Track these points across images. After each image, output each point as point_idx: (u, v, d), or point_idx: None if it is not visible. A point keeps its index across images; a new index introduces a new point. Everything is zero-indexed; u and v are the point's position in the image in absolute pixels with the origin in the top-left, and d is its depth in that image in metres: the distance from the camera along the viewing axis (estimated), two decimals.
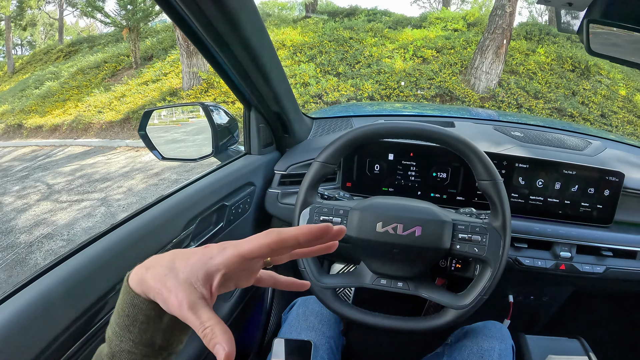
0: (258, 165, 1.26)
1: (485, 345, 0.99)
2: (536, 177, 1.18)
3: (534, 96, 8.21)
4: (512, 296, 1.40)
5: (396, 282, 0.92)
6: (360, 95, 8.19)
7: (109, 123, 9.02)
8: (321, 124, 1.53)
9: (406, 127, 0.88)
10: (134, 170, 6.28)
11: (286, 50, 9.93)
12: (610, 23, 0.87)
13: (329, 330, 1.03)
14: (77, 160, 7.24)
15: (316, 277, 0.92)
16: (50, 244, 3.78)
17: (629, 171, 1.20)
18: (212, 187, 1.06)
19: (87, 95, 10.58)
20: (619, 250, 1.16)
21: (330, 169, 0.92)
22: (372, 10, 13.53)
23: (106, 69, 12.11)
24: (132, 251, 0.79)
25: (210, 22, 0.76)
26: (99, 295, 0.70)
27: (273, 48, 0.98)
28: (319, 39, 10.20)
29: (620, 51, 0.90)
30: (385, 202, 0.91)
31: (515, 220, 1.18)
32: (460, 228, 0.87)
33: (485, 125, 1.48)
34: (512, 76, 8.79)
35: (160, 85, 9.87)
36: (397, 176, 1.24)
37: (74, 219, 4.36)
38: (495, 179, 0.85)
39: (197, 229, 0.98)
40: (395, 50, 9.78)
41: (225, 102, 8.14)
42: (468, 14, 11.86)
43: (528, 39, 10.40)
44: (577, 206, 1.18)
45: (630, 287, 1.29)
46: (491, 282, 0.86)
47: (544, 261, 1.15)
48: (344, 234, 0.43)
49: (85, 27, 29.16)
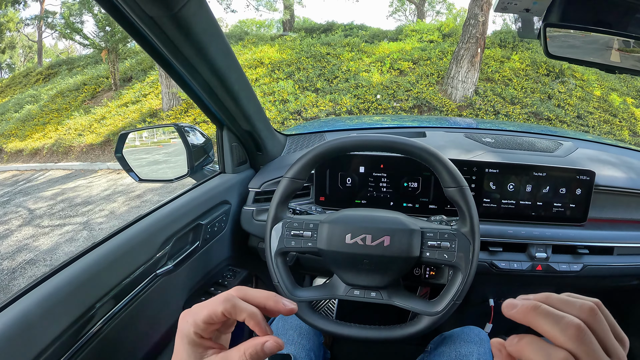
0: (232, 183, 1.27)
1: (463, 351, 0.99)
2: (507, 181, 1.19)
3: (510, 102, 8.32)
4: (493, 300, 1.41)
5: (369, 292, 0.92)
6: (339, 110, 8.24)
7: (90, 146, 8.94)
8: (295, 140, 1.54)
9: (371, 140, 0.89)
10: (116, 193, 6.23)
11: (264, 68, 9.98)
12: (567, 26, 0.90)
13: (309, 343, 1.03)
14: (58, 184, 7.15)
15: (290, 291, 0.92)
16: (33, 269, 3.73)
17: (600, 169, 1.22)
18: (187, 206, 1.07)
19: (67, 118, 10.48)
20: (595, 247, 1.18)
21: (299, 184, 0.93)
22: (349, 25, 13.69)
23: (86, 91, 12.02)
24: (108, 271, 0.80)
25: (177, 47, 0.78)
26: (78, 315, 0.71)
27: (240, 69, 0.99)
28: (296, 55, 10.28)
29: (578, 52, 0.92)
30: (353, 214, 0.92)
31: (489, 224, 1.19)
32: (429, 236, 0.88)
33: (456, 133, 1.50)
34: (489, 83, 8.90)
35: (140, 107, 9.84)
36: (369, 188, 1.25)
37: (56, 243, 4.30)
38: (461, 185, 0.86)
39: (173, 249, 0.99)
40: (372, 63, 9.87)
41: (205, 121, 8.11)
42: (443, 25, 12.03)
43: (502, 47, 10.55)
44: (550, 207, 1.20)
45: (610, 283, 1.30)
46: (463, 287, 0.86)
47: (520, 263, 1.16)
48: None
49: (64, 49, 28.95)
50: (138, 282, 0.87)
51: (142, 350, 0.91)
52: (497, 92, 8.51)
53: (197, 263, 1.11)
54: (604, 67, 0.94)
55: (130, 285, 0.85)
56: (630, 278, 1.27)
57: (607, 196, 1.26)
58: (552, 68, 9.40)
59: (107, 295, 0.78)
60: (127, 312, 0.84)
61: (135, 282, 0.86)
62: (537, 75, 9.31)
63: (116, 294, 0.81)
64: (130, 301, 0.84)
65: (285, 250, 0.93)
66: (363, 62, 9.97)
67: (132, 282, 0.85)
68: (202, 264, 1.14)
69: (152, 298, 0.92)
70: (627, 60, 0.90)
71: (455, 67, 8.16)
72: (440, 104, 8.13)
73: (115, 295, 0.81)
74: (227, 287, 1.17)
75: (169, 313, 1.01)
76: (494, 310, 1.41)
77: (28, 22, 16.18)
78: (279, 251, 0.93)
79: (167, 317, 1.00)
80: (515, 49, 10.31)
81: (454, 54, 8.36)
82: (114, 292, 0.80)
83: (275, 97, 8.77)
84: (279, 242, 0.93)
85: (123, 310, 0.82)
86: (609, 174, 1.26)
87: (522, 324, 0.37)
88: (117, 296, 0.81)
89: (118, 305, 0.81)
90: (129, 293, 0.84)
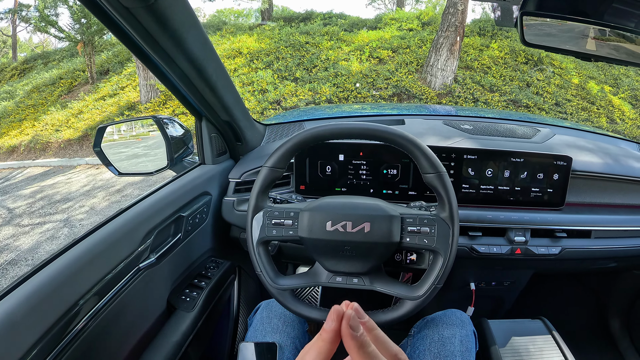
0: (212, 174, 1.27)
1: (446, 333, 1.01)
2: (485, 167, 1.21)
3: (489, 90, 8.37)
4: (474, 284, 1.43)
5: (351, 279, 0.93)
6: (319, 99, 8.20)
7: (67, 141, 8.77)
8: (274, 129, 1.54)
9: (349, 127, 0.89)
10: (96, 189, 6.14)
11: (243, 58, 9.87)
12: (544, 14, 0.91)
13: (293, 331, 1.04)
14: (37, 182, 7.01)
15: (273, 280, 0.93)
16: (15, 270, 3.67)
17: (577, 154, 1.25)
18: (167, 199, 1.07)
19: (43, 114, 10.25)
20: (573, 231, 1.21)
21: (279, 173, 0.93)
22: (328, 13, 13.59)
23: (62, 86, 11.76)
24: (91, 267, 0.79)
25: (153, 38, 0.77)
26: (62, 312, 0.70)
27: (218, 59, 0.99)
28: (275, 45, 10.17)
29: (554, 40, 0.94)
30: (333, 202, 0.92)
31: (468, 209, 1.21)
32: (408, 221, 0.89)
33: (435, 121, 1.51)
34: (468, 72, 8.93)
35: (117, 100, 9.67)
36: (349, 176, 1.26)
37: (37, 242, 4.24)
38: (440, 171, 0.86)
39: (155, 242, 0.99)
40: (352, 52, 9.81)
41: (184, 113, 8.03)
42: (422, 14, 12.00)
43: (481, 35, 10.59)
44: (528, 192, 1.22)
45: (588, 265, 1.33)
46: (443, 271, 0.87)
47: (500, 247, 1.18)
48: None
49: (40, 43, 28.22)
50: (121, 277, 0.87)
51: (128, 345, 0.91)
52: (476, 80, 8.55)
53: (180, 255, 1.11)
54: (580, 55, 0.95)
55: (113, 280, 0.84)
56: (607, 260, 1.30)
57: (584, 181, 1.28)
58: (531, 56, 9.47)
59: (90, 291, 0.78)
60: (112, 308, 0.83)
61: (118, 277, 0.86)
62: (515, 63, 9.37)
63: (100, 290, 0.80)
64: (114, 296, 0.84)
65: (267, 239, 0.93)
66: (342, 51, 9.92)
67: (115, 277, 0.85)
68: (185, 256, 1.14)
69: (135, 292, 0.92)
70: (602, 49, 0.91)
71: (434, 56, 8.17)
72: (420, 92, 8.14)
73: (99, 291, 0.80)
74: (210, 279, 1.17)
75: (154, 307, 1.01)
76: (475, 294, 1.43)
77: (1, 16, 15.73)
78: (260, 240, 0.93)
79: (152, 310, 1.00)
80: (495, 38, 10.36)
81: (433, 42, 8.36)
82: (97, 288, 0.80)
83: (254, 87, 8.69)
84: (260, 232, 0.93)
85: (107, 306, 0.82)
86: (586, 159, 1.29)
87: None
88: (101, 292, 0.81)
89: (102, 301, 0.80)
90: (112, 288, 0.84)
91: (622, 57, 0.93)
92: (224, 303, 1.32)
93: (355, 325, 0.36)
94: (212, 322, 1.22)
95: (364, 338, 0.36)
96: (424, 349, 1.00)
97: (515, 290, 1.55)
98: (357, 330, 0.36)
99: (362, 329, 0.36)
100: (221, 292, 1.22)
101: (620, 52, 0.93)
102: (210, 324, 1.18)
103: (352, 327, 0.36)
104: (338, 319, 0.37)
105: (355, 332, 0.36)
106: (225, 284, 1.25)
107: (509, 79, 8.79)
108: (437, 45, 8.11)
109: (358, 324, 0.37)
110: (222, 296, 1.23)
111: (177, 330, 1.01)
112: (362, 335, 0.36)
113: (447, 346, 0.98)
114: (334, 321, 0.37)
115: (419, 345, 1.02)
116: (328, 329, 0.37)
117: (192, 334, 1.04)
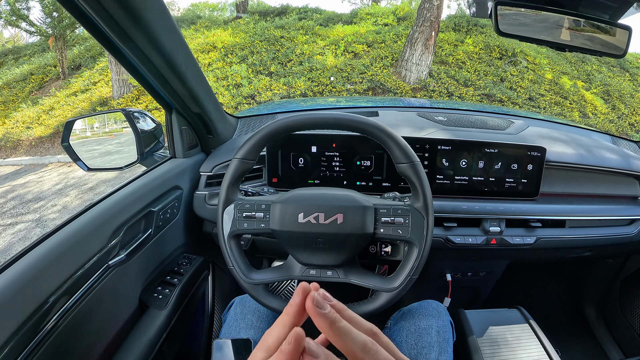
0: (183, 168, 1.24)
1: (422, 324, 1.01)
2: (459, 158, 1.21)
3: (464, 84, 8.46)
4: (450, 275, 1.44)
5: (325, 271, 0.92)
6: (293, 93, 8.18)
7: (39, 139, 8.56)
8: (246, 122, 1.52)
9: (322, 117, 0.87)
10: (68, 187, 6.01)
11: (217, 52, 9.77)
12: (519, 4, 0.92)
13: (268, 326, 1.02)
14: (7, 181, 6.83)
15: (245, 274, 0.91)
16: None
17: (550, 145, 1.26)
18: (137, 193, 1.04)
19: (14, 111, 9.97)
20: (548, 221, 1.22)
21: (250, 164, 0.91)
22: (303, 8, 13.52)
23: (33, 82, 11.44)
24: (58, 264, 0.77)
25: (121, 27, 0.75)
26: (31, 311, 0.68)
27: (188, 49, 0.97)
28: (250, 39, 10.09)
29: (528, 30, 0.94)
30: (305, 193, 0.91)
31: (443, 200, 1.21)
32: (382, 212, 0.88)
33: (409, 112, 1.51)
34: (442, 66, 8.99)
35: (89, 95, 9.47)
36: (322, 168, 1.24)
37: (9, 243, 4.14)
38: (413, 161, 0.86)
39: (124, 238, 0.96)
40: (327, 46, 9.80)
41: (157, 108, 7.88)
42: (398, 9, 12.05)
43: (456, 31, 10.67)
44: (503, 182, 1.23)
45: (563, 255, 1.35)
46: (419, 262, 0.86)
47: (475, 237, 1.19)
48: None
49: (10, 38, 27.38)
50: (90, 275, 0.84)
51: (100, 345, 0.89)
52: (451, 75, 8.62)
53: (151, 252, 1.08)
54: (554, 45, 0.96)
55: (82, 278, 0.82)
56: (582, 250, 1.32)
57: (558, 172, 1.30)
58: (505, 52, 9.61)
59: (59, 289, 0.75)
60: (82, 307, 0.81)
61: (87, 274, 0.83)
62: (490, 58, 9.48)
63: (68, 288, 0.78)
64: (84, 295, 0.82)
65: (238, 232, 0.91)
66: (317, 45, 9.89)
67: (84, 275, 0.83)
68: (156, 253, 1.12)
69: (106, 290, 0.89)
70: (577, 39, 0.92)
71: (409, 50, 8.20)
72: (395, 86, 8.18)
73: (68, 289, 0.78)
74: (183, 276, 1.15)
75: (125, 305, 0.99)
76: (452, 285, 1.44)
77: None
78: (231, 234, 0.91)
79: (123, 309, 0.98)
80: (469, 33, 10.46)
81: (408, 37, 8.39)
82: (66, 286, 0.77)
83: (228, 81, 8.62)
84: (231, 225, 0.91)
85: (77, 305, 0.80)
86: (560, 150, 1.30)
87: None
88: (70, 290, 0.78)
89: (71, 300, 0.78)
90: (81, 287, 0.81)
91: (596, 47, 0.94)
92: (198, 299, 1.30)
93: (320, 303, 0.36)
94: (187, 319, 1.19)
95: (333, 314, 0.35)
96: (400, 341, 1.00)
97: (491, 280, 1.56)
98: (323, 308, 0.35)
99: (329, 308, 0.36)
100: (195, 289, 1.20)
101: (594, 43, 0.94)
102: (184, 321, 1.16)
103: (318, 305, 0.35)
104: (303, 293, 0.37)
105: (322, 310, 0.35)
106: (198, 280, 1.23)
107: (484, 74, 8.89)
108: (412, 40, 8.14)
109: (324, 301, 0.36)
110: (195, 293, 1.21)
111: (150, 329, 0.99)
112: (330, 312, 0.35)
113: (424, 337, 0.98)
114: (298, 295, 0.37)
115: (396, 336, 1.02)
116: (292, 302, 0.37)
117: (165, 332, 1.02)
